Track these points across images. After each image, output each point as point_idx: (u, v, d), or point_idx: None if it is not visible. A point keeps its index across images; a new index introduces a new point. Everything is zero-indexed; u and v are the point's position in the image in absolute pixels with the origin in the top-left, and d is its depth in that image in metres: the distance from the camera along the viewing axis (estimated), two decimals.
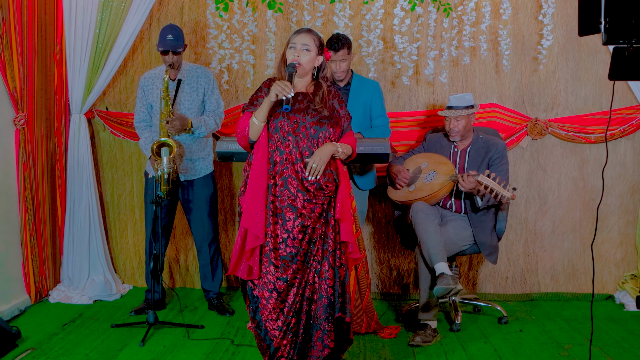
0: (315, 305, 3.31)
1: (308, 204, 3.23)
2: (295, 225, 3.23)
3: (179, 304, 4.82)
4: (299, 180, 3.24)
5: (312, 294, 3.31)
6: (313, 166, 3.23)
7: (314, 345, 3.32)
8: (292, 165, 3.25)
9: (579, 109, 4.96)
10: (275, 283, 3.25)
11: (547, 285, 5.10)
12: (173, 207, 4.71)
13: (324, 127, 3.30)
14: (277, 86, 3.16)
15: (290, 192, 3.23)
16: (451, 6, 4.81)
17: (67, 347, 3.99)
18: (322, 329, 3.30)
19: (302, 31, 3.36)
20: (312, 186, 3.24)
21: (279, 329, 3.29)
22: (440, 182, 4.22)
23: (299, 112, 3.30)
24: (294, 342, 3.32)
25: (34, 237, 4.75)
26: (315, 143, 3.28)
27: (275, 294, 3.25)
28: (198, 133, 4.48)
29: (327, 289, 3.29)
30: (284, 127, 3.26)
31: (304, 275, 3.29)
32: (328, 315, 3.30)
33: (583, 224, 5.05)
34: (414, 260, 5.06)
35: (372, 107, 4.53)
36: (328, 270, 3.29)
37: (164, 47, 4.38)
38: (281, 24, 4.99)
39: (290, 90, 3.15)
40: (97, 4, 4.82)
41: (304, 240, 3.25)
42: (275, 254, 3.25)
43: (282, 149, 3.26)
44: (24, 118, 4.61)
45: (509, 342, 4.08)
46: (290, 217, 3.23)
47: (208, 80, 4.56)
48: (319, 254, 3.29)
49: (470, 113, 4.32)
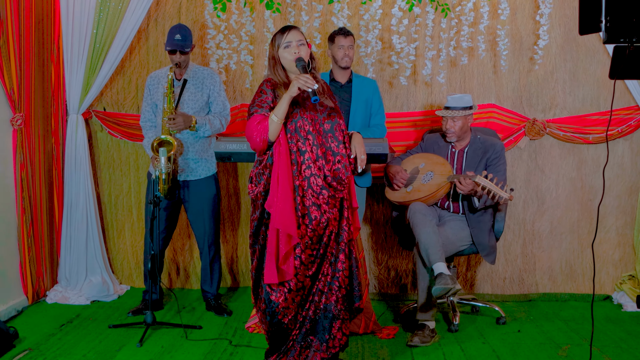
0: (333, 297, 3.36)
1: (331, 200, 3.29)
2: (321, 222, 3.28)
3: (176, 304, 4.81)
4: (321, 177, 3.27)
5: (324, 286, 3.37)
6: (362, 158, 3.37)
7: (334, 336, 3.38)
8: (314, 163, 3.28)
9: (577, 109, 4.96)
10: (303, 282, 3.32)
11: (545, 286, 5.10)
12: (176, 208, 4.70)
13: (335, 120, 3.38)
14: (300, 80, 3.16)
15: (313, 191, 3.27)
16: (449, 6, 4.81)
17: (65, 347, 3.98)
18: (342, 318, 3.38)
19: (291, 29, 3.35)
20: (335, 181, 3.30)
21: (299, 323, 3.37)
22: (438, 183, 4.22)
23: (310, 109, 3.33)
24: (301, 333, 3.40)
25: (31, 237, 4.74)
26: (332, 137, 3.33)
27: (302, 292, 3.34)
28: (202, 132, 4.46)
29: (344, 280, 3.37)
30: (303, 126, 3.28)
31: (321, 268, 3.35)
32: (346, 306, 3.39)
33: (581, 224, 5.05)
34: (412, 260, 5.06)
35: (372, 106, 4.54)
36: (344, 262, 3.36)
37: (171, 47, 4.38)
38: (279, 24, 4.97)
39: (313, 82, 3.17)
40: (95, 4, 4.81)
41: (325, 235, 3.32)
42: (305, 255, 3.30)
43: (304, 148, 3.28)
44: (21, 118, 4.60)
45: (507, 343, 4.08)
46: (316, 215, 3.28)
47: (214, 82, 4.55)
48: (333, 247, 3.36)
49: (468, 114, 4.31)
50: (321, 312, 3.38)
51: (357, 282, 3.45)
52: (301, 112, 3.30)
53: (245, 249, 5.27)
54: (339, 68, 4.52)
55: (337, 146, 3.35)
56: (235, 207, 5.26)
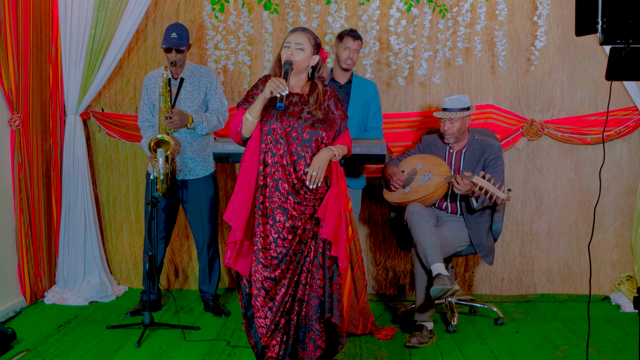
0: (307, 306, 3.32)
1: (298, 206, 3.26)
2: (286, 227, 3.26)
3: (174, 305, 4.81)
4: (289, 183, 3.25)
5: (304, 295, 3.33)
6: (313, 174, 3.25)
7: (307, 347, 3.34)
8: (283, 168, 3.27)
9: (574, 110, 4.97)
10: (263, 282, 3.29)
11: (543, 287, 5.10)
12: (175, 208, 4.70)
13: (317, 132, 3.30)
14: (272, 83, 3.17)
15: (280, 194, 3.26)
16: (447, 7, 4.81)
17: (63, 348, 3.97)
18: (314, 329, 3.32)
19: (297, 30, 3.38)
20: (302, 189, 3.26)
21: (266, 327, 3.32)
22: (436, 184, 4.22)
23: (292, 115, 3.30)
24: (285, 343, 3.35)
25: (29, 238, 4.74)
26: (308, 147, 3.29)
27: (264, 292, 3.30)
28: (200, 129, 4.46)
29: (318, 289, 3.32)
30: (277, 130, 3.27)
31: (294, 275, 3.31)
32: (319, 316, 3.32)
33: (579, 225, 5.05)
34: (410, 261, 5.06)
35: (370, 108, 4.54)
36: (318, 270, 3.32)
37: (167, 45, 4.38)
38: (277, 25, 4.98)
39: (285, 87, 3.16)
40: (93, 4, 4.80)
41: (294, 240, 3.28)
42: (264, 254, 3.28)
43: (274, 151, 3.27)
44: (19, 119, 4.60)
45: (505, 343, 4.08)
46: (280, 218, 3.25)
47: (210, 79, 4.55)
48: (310, 255, 3.32)
49: (466, 115, 4.31)
50: (303, 320, 3.35)
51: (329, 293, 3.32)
52: (278, 115, 3.29)
53: None
54: (340, 68, 4.52)
55: (310, 157, 3.30)
56: None
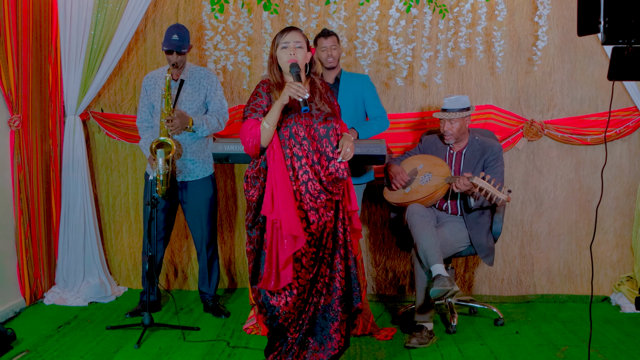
0: (330, 298, 3.38)
1: (329, 203, 3.31)
2: (319, 226, 3.30)
3: (174, 305, 4.81)
4: (319, 182, 3.26)
5: (323, 287, 3.38)
6: (347, 150, 3.33)
7: (332, 337, 3.39)
8: (311, 168, 3.28)
9: (575, 110, 4.96)
10: (305, 285, 3.33)
11: (543, 287, 5.10)
12: (174, 209, 4.69)
13: (331, 124, 3.35)
14: (291, 88, 3.15)
15: (311, 195, 3.28)
16: (447, 8, 4.80)
17: (62, 349, 3.97)
18: (340, 320, 3.39)
19: (291, 30, 3.37)
20: (330, 185, 3.30)
21: (298, 326, 3.38)
22: (436, 184, 4.21)
23: (306, 115, 3.31)
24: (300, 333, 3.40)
25: (28, 238, 4.73)
26: (327, 142, 3.33)
27: (303, 295, 3.35)
28: (200, 132, 4.45)
29: (341, 281, 3.38)
30: (299, 132, 3.28)
31: (319, 270, 3.36)
32: (344, 307, 3.39)
33: (579, 225, 5.05)
34: (410, 262, 5.05)
35: (365, 99, 4.55)
36: (340, 263, 3.38)
37: (168, 47, 4.37)
38: (277, 25, 4.97)
39: (305, 91, 3.15)
40: (92, 5, 4.80)
41: (323, 237, 3.34)
42: (306, 257, 3.32)
43: (300, 154, 3.28)
44: (19, 120, 4.60)
45: (505, 344, 4.07)
46: (314, 219, 3.30)
47: (210, 81, 4.55)
48: (330, 247, 3.38)
49: (465, 116, 4.31)
50: (319, 313, 3.39)
51: (356, 282, 3.45)
52: (296, 117, 3.30)
53: (243, 250, 5.26)
54: (325, 69, 4.54)
55: (331, 151, 3.34)
56: (233, 209, 5.26)
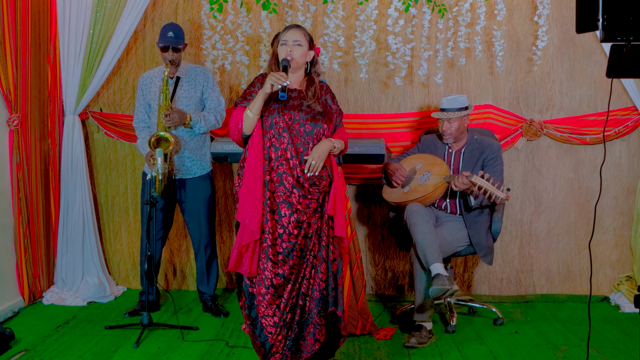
0: (310, 300, 3.32)
1: (303, 200, 3.27)
2: (291, 221, 3.26)
3: (173, 305, 4.81)
4: (293, 177, 3.26)
5: (307, 289, 3.34)
6: (312, 163, 3.27)
7: (305, 340, 3.34)
8: (287, 162, 3.27)
9: (573, 110, 4.96)
10: (272, 279, 3.27)
11: (542, 287, 5.10)
12: (171, 208, 4.69)
13: (318, 124, 3.33)
14: (272, 77, 3.19)
15: (285, 188, 3.26)
16: (446, 7, 4.80)
17: (61, 348, 3.97)
18: (314, 322, 3.34)
19: (292, 27, 3.39)
20: (307, 182, 3.27)
21: (275, 325, 3.31)
22: (435, 183, 4.21)
23: (292, 108, 3.32)
24: (288, 337, 3.34)
25: (27, 238, 4.73)
26: (310, 139, 3.31)
27: (272, 290, 3.28)
28: (198, 128, 4.46)
29: (320, 283, 3.33)
30: (279, 123, 3.28)
31: (300, 270, 3.32)
32: (320, 309, 3.33)
33: (578, 225, 5.04)
34: (409, 261, 5.05)
35: None
36: (321, 264, 3.33)
37: (164, 44, 4.39)
38: (275, 24, 4.97)
39: (286, 79, 3.18)
40: (91, 4, 4.80)
41: (300, 235, 3.29)
42: (273, 250, 3.27)
43: (277, 145, 3.28)
44: (18, 119, 4.59)
45: (504, 344, 4.07)
46: (285, 212, 3.25)
47: (207, 78, 4.56)
48: (315, 249, 3.33)
49: (464, 115, 4.30)
50: (306, 315, 3.36)
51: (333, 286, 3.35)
52: (280, 109, 3.31)
53: None
54: None
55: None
56: (232, 208, 5.25)
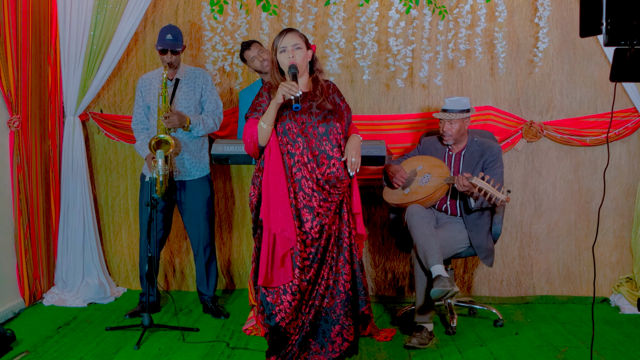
0: (333, 301, 3.35)
1: (324, 203, 3.30)
2: (314, 226, 3.28)
3: (173, 306, 4.81)
4: (313, 180, 3.26)
5: (325, 290, 3.36)
6: (352, 161, 3.33)
7: (333, 341, 3.39)
8: (305, 166, 3.28)
9: (574, 111, 4.97)
10: (299, 285, 3.30)
11: (543, 288, 5.10)
12: (170, 210, 4.69)
13: (331, 123, 3.35)
14: (284, 87, 3.18)
15: (305, 193, 3.27)
16: (446, 9, 4.81)
17: (62, 350, 3.97)
18: (342, 323, 3.39)
19: (287, 32, 3.38)
20: (327, 184, 3.27)
21: (297, 327, 3.37)
22: (435, 185, 4.21)
23: (303, 112, 3.33)
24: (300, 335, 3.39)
25: (28, 239, 4.73)
26: (326, 140, 3.32)
27: (299, 296, 3.32)
28: (196, 131, 4.46)
29: (345, 284, 3.38)
30: (292, 129, 3.29)
31: (320, 272, 3.34)
32: (347, 310, 3.38)
33: (578, 226, 5.05)
34: (410, 263, 5.05)
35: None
36: (344, 266, 3.37)
37: (162, 46, 4.39)
38: (275, 26, 4.97)
39: (297, 89, 3.18)
40: (92, 6, 4.80)
41: (322, 239, 3.32)
42: (300, 257, 3.30)
43: (293, 151, 3.29)
44: (18, 120, 4.59)
45: (504, 345, 4.07)
46: (307, 218, 3.28)
47: (206, 81, 4.56)
48: (334, 251, 3.35)
49: (465, 117, 4.31)
50: (321, 316, 3.38)
51: (362, 287, 3.44)
52: (290, 115, 3.31)
53: (242, 251, 5.26)
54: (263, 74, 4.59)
55: (331, 149, 3.34)
56: (232, 209, 5.25)
